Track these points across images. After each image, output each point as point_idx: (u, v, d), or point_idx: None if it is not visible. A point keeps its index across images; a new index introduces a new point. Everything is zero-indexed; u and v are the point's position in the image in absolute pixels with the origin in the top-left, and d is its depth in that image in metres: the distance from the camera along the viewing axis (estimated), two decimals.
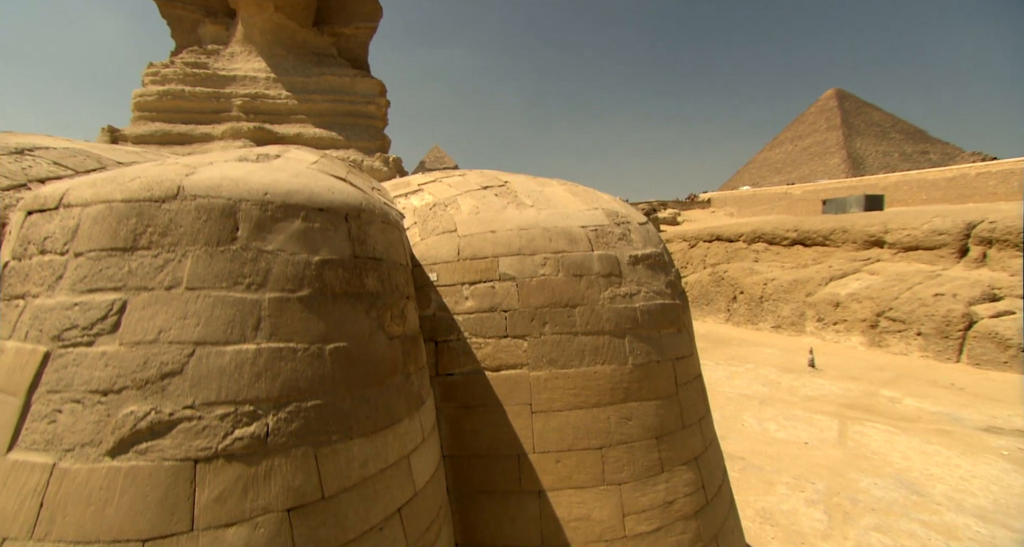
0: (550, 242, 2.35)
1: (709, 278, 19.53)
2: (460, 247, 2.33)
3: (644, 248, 2.59)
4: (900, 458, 6.65)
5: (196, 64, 17.26)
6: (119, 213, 1.44)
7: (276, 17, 17.52)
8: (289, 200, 1.59)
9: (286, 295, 1.49)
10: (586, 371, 2.24)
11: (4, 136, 2.83)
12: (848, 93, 72.68)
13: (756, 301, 17.15)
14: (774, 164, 71.61)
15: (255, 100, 16.98)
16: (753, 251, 20.36)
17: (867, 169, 61.52)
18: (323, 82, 17.92)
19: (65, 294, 1.36)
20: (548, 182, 3.06)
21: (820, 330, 14.60)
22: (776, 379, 10.79)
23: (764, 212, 43.14)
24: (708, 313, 19.23)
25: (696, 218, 46.85)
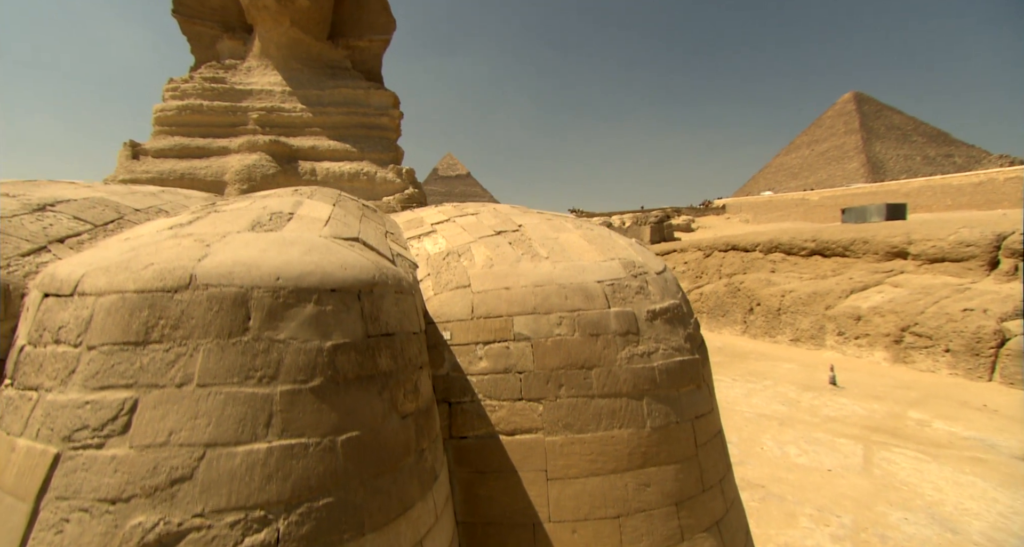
0: (566, 299, 2.29)
1: (725, 289, 19.22)
2: (474, 304, 2.29)
3: (662, 301, 2.51)
4: (931, 489, 6.37)
5: (214, 79, 17.63)
6: (131, 305, 1.43)
7: (292, 31, 17.80)
8: (301, 284, 1.57)
9: (298, 386, 1.46)
10: (603, 436, 2.17)
11: (29, 187, 2.87)
12: (867, 96, 71.14)
13: (773, 313, 16.81)
14: (790, 169, 70.40)
15: (271, 113, 17.25)
16: (770, 261, 19.99)
17: (887, 173, 60.09)
18: (337, 95, 18.13)
19: (77, 391, 1.35)
20: (563, 226, 3.00)
21: (841, 344, 14.24)
22: (796, 397, 10.52)
23: (780, 219, 42.41)
24: (724, 325, 18.91)
25: (711, 224, 46.27)
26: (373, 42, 19.91)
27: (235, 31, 18.87)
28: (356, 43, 19.73)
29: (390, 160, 18.25)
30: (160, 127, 17.16)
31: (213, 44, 19.04)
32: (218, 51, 19.05)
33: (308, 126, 17.82)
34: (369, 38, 19.72)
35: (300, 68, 18.54)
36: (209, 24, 18.68)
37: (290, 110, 17.66)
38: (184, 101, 17.20)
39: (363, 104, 18.61)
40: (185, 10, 18.44)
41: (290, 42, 18.19)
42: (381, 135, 18.63)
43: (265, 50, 18.26)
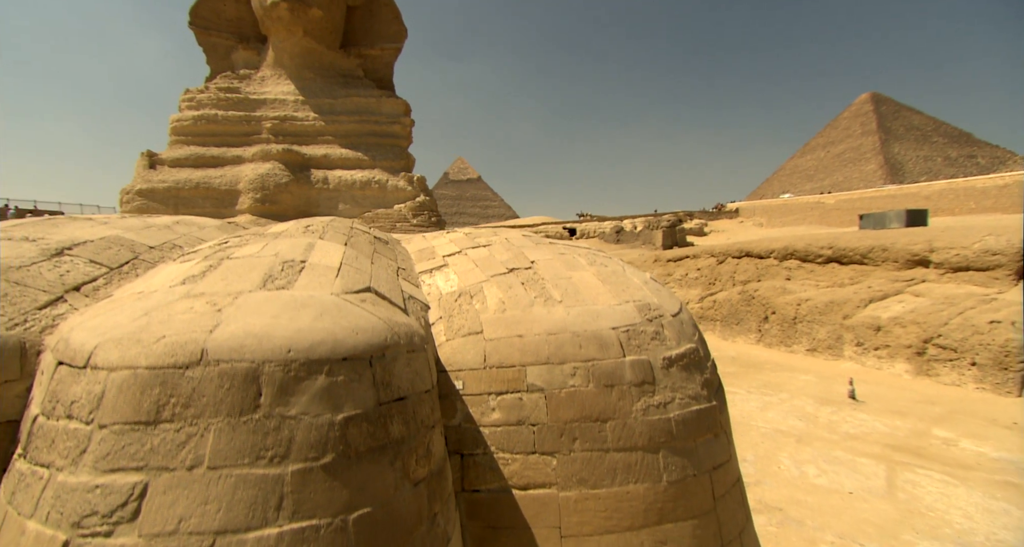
0: (580, 348, 2.24)
1: (739, 297, 18.94)
2: (487, 353, 2.25)
3: (678, 346, 2.45)
4: (961, 516, 6.12)
5: (229, 89, 17.94)
6: (143, 382, 1.42)
7: (305, 41, 18.06)
8: (312, 355, 1.55)
9: (309, 464, 1.44)
10: (618, 491, 2.12)
11: (48, 228, 2.90)
12: (884, 96, 69.45)
13: (789, 322, 16.52)
14: (805, 171, 69.11)
15: (284, 122, 17.51)
16: (785, 269, 19.66)
17: (906, 175, 58.64)
18: (349, 103, 18.34)
19: (88, 473, 1.34)
20: (576, 263, 2.94)
21: (860, 355, 13.91)
22: (813, 412, 10.28)
23: (795, 222, 41.65)
24: (738, 333, 18.63)
25: (724, 228, 45.63)
26: (385, 50, 20.12)
27: (249, 41, 19.19)
28: (368, 52, 19.96)
29: (401, 168, 18.39)
30: (176, 137, 17.53)
31: (228, 54, 19.39)
32: (233, 61, 19.39)
33: (320, 134, 18.03)
34: (381, 47, 19.94)
35: (313, 77, 18.78)
36: (224, 35, 19.04)
37: (303, 119, 17.89)
38: (199, 111, 17.55)
39: (375, 112, 18.78)
40: (201, 22, 18.83)
41: (303, 52, 18.44)
42: (393, 143, 18.79)
43: (279, 60, 18.54)
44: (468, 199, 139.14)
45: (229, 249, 2.52)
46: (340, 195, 17.30)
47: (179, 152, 17.19)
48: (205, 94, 17.99)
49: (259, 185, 16.26)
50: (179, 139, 17.70)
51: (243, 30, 19.22)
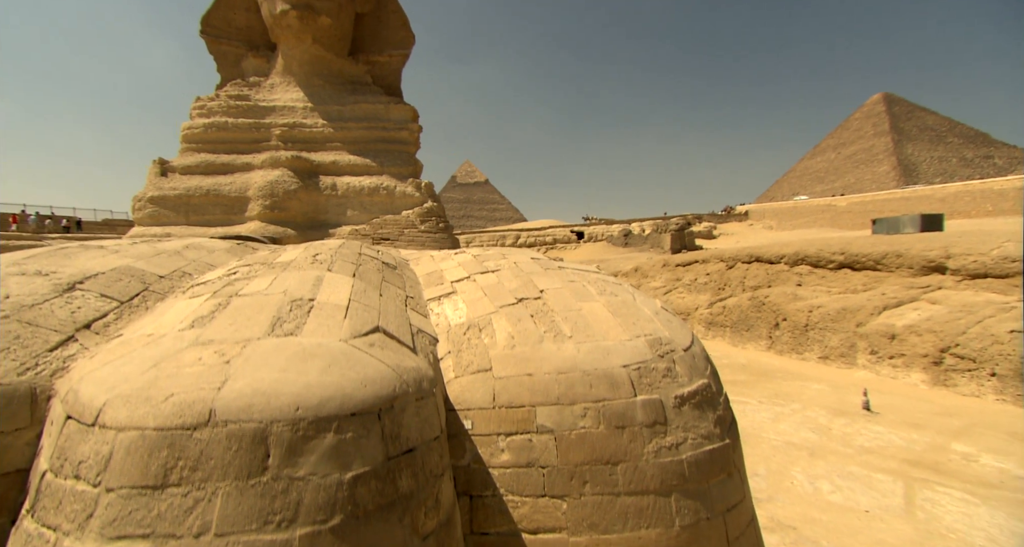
0: (590, 388, 2.20)
1: (749, 303, 18.72)
2: (496, 392, 2.22)
3: (690, 383, 2.40)
4: (984, 539, 5.94)
5: (239, 96, 18.11)
6: (151, 444, 1.41)
7: (314, 48, 18.19)
8: (321, 412, 1.53)
9: (317, 527, 1.41)
10: (630, 536, 2.07)
11: (61, 260, 2.92)
12: (897, 97, 68.24)
13: (800, 329, 16.29)
14: (816, 173, 68.18)
15: (293, 129, 17.64)
16: (796, 274, 19.42)
17: (920, 176, 57.63)
18: (358, 110, 18.43)
19: (94, 540, 1.33)
20: (585, 292, 2.90)
21: (874, 364, 13.68)
22: (827, 424, 10.10)
23: (806, 225, 41.18)
24: (748, 340, 18.41)
25: (733, 231, 45.23)
26: (393, 57, 20.22)
27: (259, 49, 19.39)
28: (376, 58, 20.07)
29: (409, 174, 18.44)
30: (187, 144, 17.75)
31: (238, 62, 19.60)
32: (243, 69, 19.60)
33: (329, 141, 18.15)
34: (389, 53, 20.04)
35: (322, 84, 18.92)
36: (234, 43, 19.25)
37: (311, 125, 18.02)
38: (210, 118, 17.75)
39: (383, 118, 18.87)
40: (212, 31, 19.05)
41: (312, 59, 18.59)
42: (401, 149, 18.85)
43: (288, 67, 18.71)
44: (475, 202, 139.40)
45: (238, 282, 2.51)
46: (348, 201, 17.37)
47: (190, 159, 17.38)
48: (215, 102, 18.18)
49: (268, 192, 16.40)
50: (190, 146, 17.90)
51: (253, 38, 19.42)
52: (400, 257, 4.31)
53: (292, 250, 3.34)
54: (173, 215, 16.00)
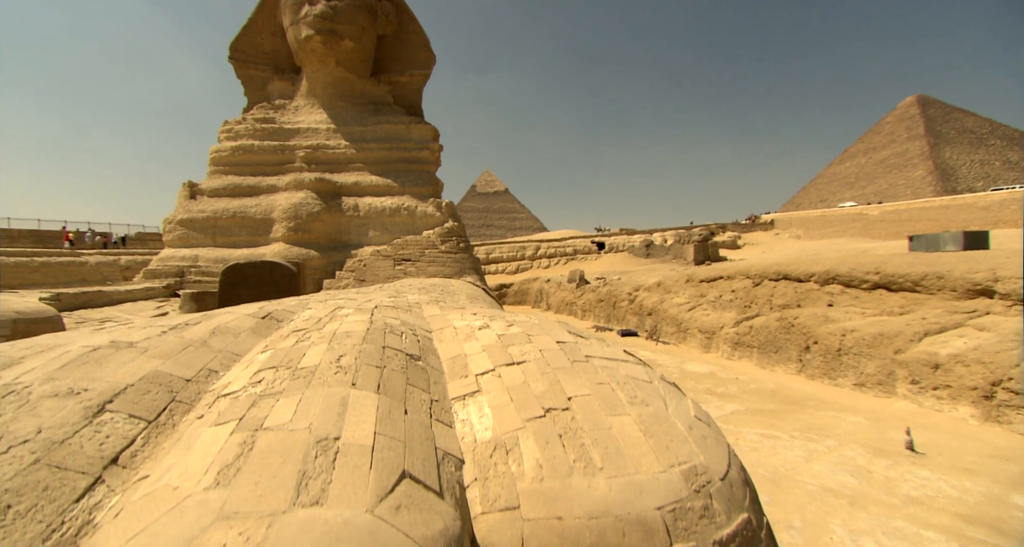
0: (623, 537, 2.01)
1: (777, 324, 18.06)
2: (524, 536, 2.05)
3: (729, 522, 2.18)
4: None
5: (264, 119, 18.59)
6: None
7: (337, 71, 18.56)
8: None
9: None
10: None
11: (92, 368, 2.87)
12: (932, 99, 65.34)
13: (833, 353, 15.59)
14: (845, 179, 65.76)
15: (316, 151, 17.97)
16: (827, 294, 18.65)
17: (960, 181, 55.01)
18: (379, 130, 18.67)
19: None
20: (617, 402, 2.71)
21: (916, 394, 12.94)
22: (867, 465, 9.51)
23: (835, 234, 39.76)
24: (777, 362, 17.71)
25: (759, 241, 43.99)
26: (414, 77, 20.46)
27: (284, 72, 19.90)
28: (398, 79, 20.35)
29: (430, 194, 18.55)
30: (215, 167, 18.27)
31: (264, 85, 20.15)
32: (269, 92, 20.13)
33: (351, 162, 18.41)
34: (410, 73, 20.29)
35: (344, 106, 19.25)
36: (261, 67, 19.80)
37: (334, 147, 18.33)
38: (237, 142, 18.24)
39: (404, 139, 19.06)
40: (240, 56, 19.64)
41: (335, 81, 18.96)
42: (421, 169, 19.00)
43: (312, 89, 19.13)
44: (495, 211, 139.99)
45: (263, 402, 2.41)
46: (370, 222, 17.53)
47: (217, 182, 17.83)
48: (242, 125, 18.66)
49: (292, 214, 16.67)
50: (217, 169, 18.37)
51: (278, 62, 19.92)
52: (423, 327, 4.17)
53: (316, 351, 3.24)
54: (201, 237, 16.43)
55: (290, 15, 17.74)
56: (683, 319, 23.58)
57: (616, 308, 29.37)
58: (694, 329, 22.76)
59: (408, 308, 5.29)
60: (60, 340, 3.91)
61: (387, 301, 5.51)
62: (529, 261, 45.54)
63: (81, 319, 10.84)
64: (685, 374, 17.15)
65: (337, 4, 17.39)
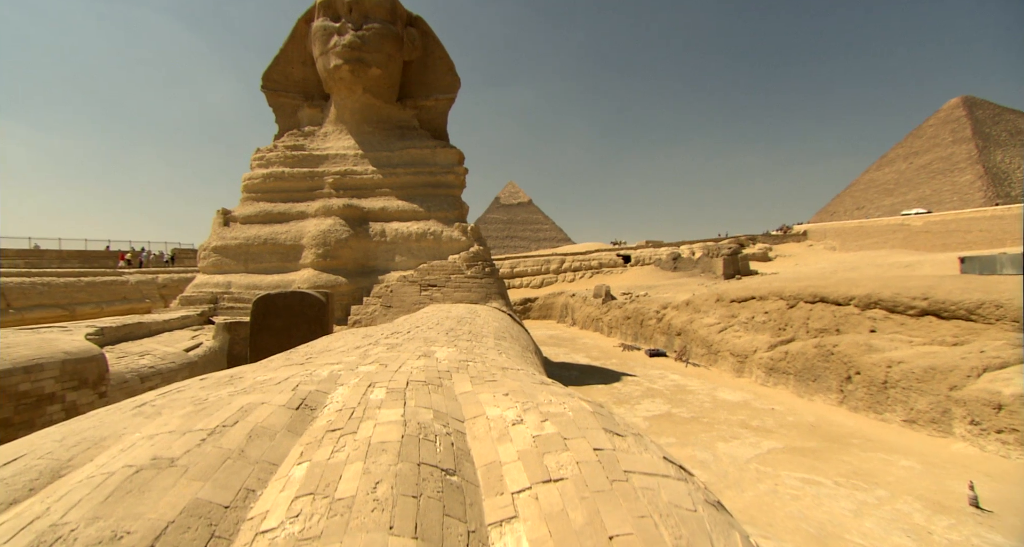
0: None
1: (815, 351, 17.23)
2: None
3: None
4: None
5: (295, 146, 19.04)
6: None
7: (364, 98, 18.88)
8: None
9: None
10: None
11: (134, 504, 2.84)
12: (979, 100, 61.54)
13: (878, 386, 14.72)
14: (883, 185, 62.54)
15: (344, 177, 18.27)
16: (868, 319, 17.68)
17: (1013, 186, 51.54)
18: (405, 155, 18.85)
19: None
20: (660, 541, 2.49)
21: (976, 436, 12.03)
22: (925, 524, 8.79)
23: (874, 246, 37.89)
24: (816, 391, 16.86)
25: (791, 253, 42.29)
26: (439, 101, 20.63)
27: (314, 99, 20.38)
28: (423, 103, 20.55)
29: (455, 218, 18.57)
30: (247, 194, 18.79)
31: (294, 112, 20.68)
32: (299, 118, 20.65)
33: (378, 187, 18.64)
34: (435, 98, 20.46)
35: (372, 131, 19.55)
36: (291, 95, 20.34)
37: (362, 172, 18.60)
38: (268, 169, 18.73)
39: (429, 163, 19.19)
40: (272, 85, 20.23)
41: (362, 107, 19.28)
42: (447, 193, 19.06)
43: (340, 115, 19.51)
44: (519, 223, 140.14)
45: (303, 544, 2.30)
46: (397, 247, 17.65)
47: (249, 209, 18.29)
48: (273, 153, 19.13)
49: (321, 241, 16.94)
50: (250, 196, 18.85)
51: (308, 89, 20.41)
52: (456, 417, 4.02)
53: (350, 475, 3.13)
54: (233, 263, 16.88)
55: (320, 45, 18.17)
56: (714, 341, 22.79)
57: (643, 326, 28.63)
58: (725, 352, 21.96)
59: (439, 383, 5.15)
60: (105, 429, 3.94)
61: (418, 371, 5.38)
62: (554, 275, 45.14)
63: (123, 353, 11.19)
64: (718, 403, 16.49)
65: (365, 34, 17.71)
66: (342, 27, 17.69)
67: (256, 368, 6.26)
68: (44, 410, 8.61)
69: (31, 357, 8.61)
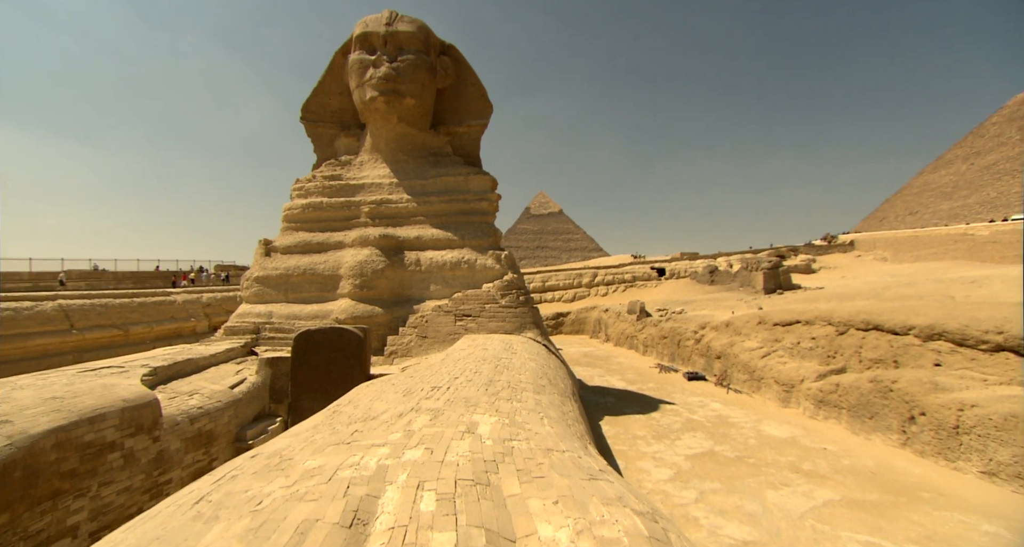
0: None
1: (871, 386, 16.15)
2: None
3: None
4: None
5: (332, 176, 19.51)
6: None
7: (399, 127, 19.17)
8: None
9: None
10: None
11: None
12: None
13: (948, 430, 13.61)
14: (940, 188, 58.05)
15: (380, 206, 18.56)
16: (931, 352, 16.42)
17: None
18: (439, 183, 18.98)
19: None
20: None
21: None
22: None
23: (932, 257, 35.33)
24: (873, 430, 15.77)
25: (837, 264, 39.95)
26: (472, 127, 20.70)
27: (350, 128, 20.85)
28: (456, 129, 20.67)
29: (489, 245, 18.52)
30: (287, 224, 19.36)
31: (331, 142, 21.22)
32: (336, 148, 21.17)
33: (413, 215, 18.83)
34: (468, 124, 20.55)
35: (406, 159, 19.80)
36: (328, 125, 20.88)
37: (397, 201, 18.84)
38: (307, 199, 19.25)
39: (463, 190, 19.25)
40: (310, 116, 20.84)
41: (397, 136, 19.57)
42: (480, 220, 19.06)
43: (375, 145, 19.87)
44: (550, 233, 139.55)
45: None
46: (431, 276, 17.76)
47: (289, 240, 18.81)
48: (312, 183, 19.62)
49: (358, 272, 17.24)
50: (290, 226, 19.40)
51: (344, 119, 20.88)
52: (507, 535, 3.86)
53: None
54: (275, 293, 17.40)
55: (356, 78, 18.57)
56: (756, 367, 21.75)
57: (681, 347, 27.68)
58: (769, 379, 20.92)
59: (487, 481, 5.02)
60: (169, 540, 3.98)
61: (465, 462, 5.26)
62: (586, 288, 44.48)
63: (174, 393, 11.64)
64: (764, 439, 15.62)
65: (399, 66, 17.98)
66: (377, 60, 18.02)
67: (304, 444, 6.28)
68: (105, 459, 9.01)
69: (94, 407, 9.05)
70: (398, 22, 18.20)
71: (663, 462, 13.91)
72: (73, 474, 8.47)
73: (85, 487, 8.58)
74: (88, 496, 8.61)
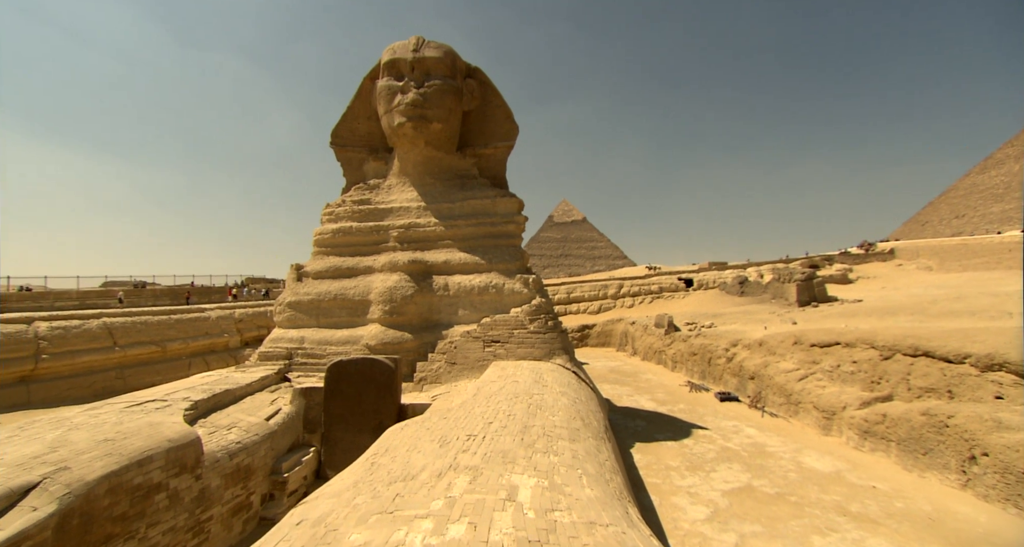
0: None
1: (924, 420, 15.26)
2: None
3: None
4: None
5: (361, 201, 19.77)
6: None
7: (426, 150, 19.29)
8: None
9: None
10: None
11: None
12: None
13: (1016, 475, 12.70)
14: (990, 189, 54.49)
15: (408, 230, 18.70)
16: (991, 383, 15.41)
17: None
18: (467, 206, 18.99)
19: None
20: None
21: None
22: None
23: (983, 267, 33.29)
24: (927, 467, 14.88)
25: (876, 273, 38.05)
26: (498, 149, 20.66)
27: (378, 152, 21.11)
28: (482, 151, 20.67)
29: (516, 269, 18.40)
30: (318, 248, 19.71)
31: (360, 166, 21.53)
32: (365, 171, 21.46)
33: (441, 239, 18.90)
34: (494, 146, 20.52)
35: (433, 182, 19.91)
36: (357, 149, 21.19)
37: (425, 225, 18.95)
38: (337, 224, 19.56)
39: (490, 213, 19.22)
40: (340, 140, 21.20)
41: (424, 160, 19.70)
42: (508, 243, 18.98)
43: (403, 169, 20.06)
44: (573, 241, 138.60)
45: None
46: (459, 301, 17.76)
47: (320, 264, 19.12)
48: (342, 208, 19.91)
49: (387, 298, 17.36)
50: (320, 250, 19.72)
51: (373, 143, 21.16)
52: None
53: None
54: (307, 318, 17.71)
55: (384, 104, 18.78)
56: (793, 390, 20.89)
57: (712, 365, 26.86)
58: (808, 403, 20.04)
59: None
60: None
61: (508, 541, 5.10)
62: (612, 300, 43.85)
63: (213, 427, 11.92)
64: (805, 473, 14.88)
65: (426, 91, 18.09)
66: (405, 86, 18.18)
67: (347, 509, 6.27)
68: (152, 500, 9.26)
69: (142, 449, 9.32)
70: (425, 48, 18.34)
71: (699, 498, 13.40)
72: (123, 518, 8.72)
73: (134, 530, 8.82)
74: (137, 538, 8.85)
